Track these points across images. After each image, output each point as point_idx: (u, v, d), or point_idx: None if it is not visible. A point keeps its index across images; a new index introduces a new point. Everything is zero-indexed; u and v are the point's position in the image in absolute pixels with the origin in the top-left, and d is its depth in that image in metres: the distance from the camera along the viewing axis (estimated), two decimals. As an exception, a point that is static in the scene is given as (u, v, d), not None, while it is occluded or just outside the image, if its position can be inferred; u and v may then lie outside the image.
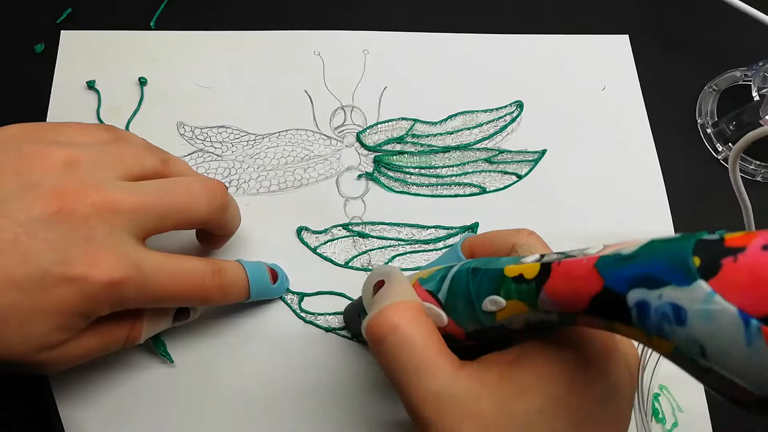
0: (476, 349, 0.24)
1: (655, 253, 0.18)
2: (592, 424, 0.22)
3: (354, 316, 0.33)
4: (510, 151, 0.40)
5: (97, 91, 0.40)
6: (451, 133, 0.40)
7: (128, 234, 0.26)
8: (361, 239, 0.37)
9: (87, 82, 0.40)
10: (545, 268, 0.21)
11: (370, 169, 0.39)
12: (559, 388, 0.22)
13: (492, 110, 0.41)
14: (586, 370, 0.23)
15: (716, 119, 0.42)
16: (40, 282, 0.24)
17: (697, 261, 0.17)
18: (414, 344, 0.22)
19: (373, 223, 0.38)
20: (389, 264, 0.26)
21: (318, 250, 0.37)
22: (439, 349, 0.23)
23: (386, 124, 0.40)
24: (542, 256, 0.22)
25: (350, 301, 0.35)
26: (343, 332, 0.35)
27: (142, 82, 0.40)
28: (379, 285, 0.25)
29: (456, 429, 0.22)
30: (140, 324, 0.29)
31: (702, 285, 0.16)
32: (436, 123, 0.41)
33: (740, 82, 0.43)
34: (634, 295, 0.18)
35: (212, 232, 0.32)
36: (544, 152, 0.40)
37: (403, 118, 0.41)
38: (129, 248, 0.26)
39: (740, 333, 0.15)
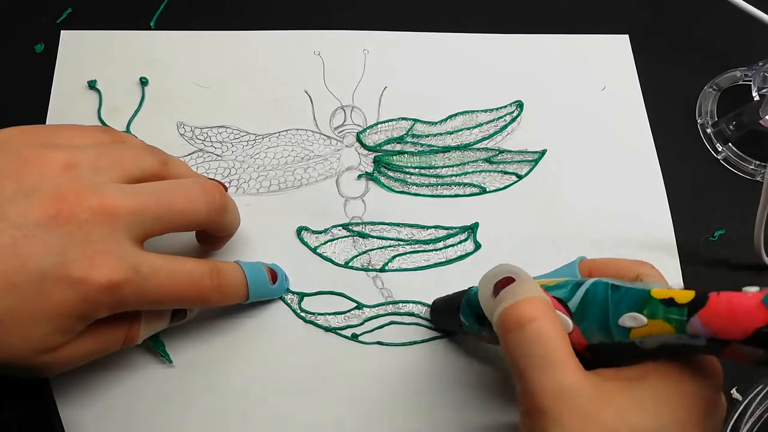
0: (586, 362, 0.25)
1: None
2: None
3: (449, 310, 0.32)
4: (510, 151, 0.40)
5: (98, 91, 0.40)
6: (451, 133, 0.40)
7: (126, 237, 0.26)
8: (361, 239, 0.37)
9: (88, 82, 0.40)
10: (701, 296, 0.22)
11: (370, 169, 0.39)
12: (680, 412, 0.23)
13: (492, 110, 0.41)
14: (701, 404, 0.24)
15: (716, 119, 0.42)
16: (38, 285, 0.24)
17: None
18: (549, 338, 0.23)
19: (373, 223, 0.38)
20: (511, 264, 0.27)
21: (318, 250, 0.37)
22: (570, 351, 0.23)
23: (386, 124, 0.40)
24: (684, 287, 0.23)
25: (353, 314, 0.35)
26: (343, 332, 0.35)
27: (144, 82, 0.40)
28: (504, 282, 0.26)
29: (575, 427, 0.22)
30: (137, 325, 0.29)
31: None
32: (436, 123, 0.41)
33: (740, 82, 0.43)
34: None
35: (212, 234, 0.32)
36: (544, 152, 0.40)
37: (403, 118, 0.41)
38: (127, 251, 0.26)
39: None
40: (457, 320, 0.31)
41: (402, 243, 0.37)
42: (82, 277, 0.25)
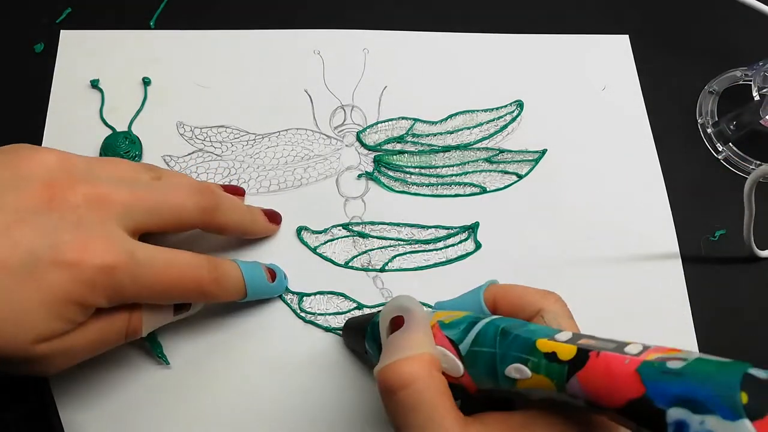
0: (478, 401, 0.24)
1: (702, 376, 0.18)
2: None
3: (358, 333, 0.31)
4: (510, 151, 0.40)
5: (101, 90, 0.40)
6: (451, 132, 0.40)
7: (119, 225, 0.27)
8: (361, 239, 0.37)
9: (90, 81, 0.40)
10: (582, 355, 0.21)
11: (370, 169, 0.39)
12: None
13: (492, 110, 0.41)
14: None
15: (716, 119, 0.42)
16: (32, 268, 0.24)
17: (744, 397, 0.17)
18: (425, 403, 0.22)
19: (373, 223, 0.38)
20: (408, 297, 0.26)
21: (318, 250, 0.37)
22: (449, 409, 0.22)
23: (386, 123, 0.40)
24: (575, 335, 0.22)
25: (352, 314, 0.35)
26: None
27: (146, 82, 0.40)
28: (397, 321, 0.25)
29: None
30: (138, 313, 0.29)
31: (747, 425, 0.17)
32: (436, 122, 0.41)
33: (740, 82, 0.43)
34: (675, 413, 0.18)
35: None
36: (544, 152, 0.40)
37: (403, 118, 0.41)
38: (120, 237, 0.26)
39: None
40: (363, 345, 0.30)
41: (402, 243, 0.37)
42: (76, 259, 0.25)
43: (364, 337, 0.30)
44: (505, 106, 0.41)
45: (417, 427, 0.22)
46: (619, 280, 0.37)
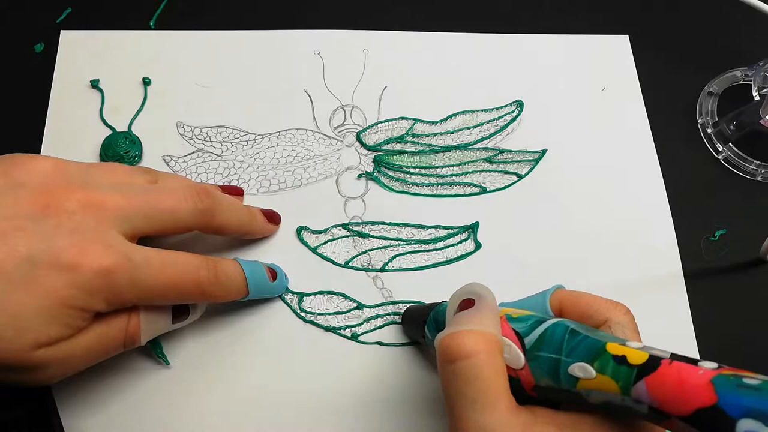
0: (527, 397, 0.24)
1: None
2: None
3: (417, 320, 0.32)
4: (510, 151, 0.40)
5: (101, 90, 0.40)
6: (451, 132, 0.40)
7: (115, 230, 0.27)
8: (361, 239, 0.37)
9: (91, 81, 0.40)
10: (654, 361, 0.21)
11: (370, 169, 0.39)
12: None
13: (492, 110, 0.41)
14: None
15: (716, 119, 0.42)
16: (29, 273, 0.24)
17: None
18: (483, 378, 0.22)
19: (373, 223, 0.38)
20: (482, 285, 0.26)
21: (318, 250, 0.37)
22: (504, 390, 0.23)
23: (386, 123, 0.40)
24: (647, 347, 0.22)
25: (353, 314, 0.35)
26: (343, 332, 0.35)
27: (146, 82, 0.40)
28: (467, 303, 0.25)
29: None
30: (137, 320, 0.29)
31: None
32: (436, 122, 0.41)
33: (740, 82, 0.43)
34: (746, 425, 0.18)
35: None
36: (544, 152, 0.40)
37: (403, 118, 0.41)
38: (116, 241, 0.27)
39: None
40: (422, 332, 0.31)
41: (402, 243, 0.37)
42: (73, 263, 0.25)
43: (424, 323, 0.30)
44: (505, 106, 0.41)
45: (470, 399, 0.22)
46: (619, 280, 0.37)
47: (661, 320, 0.36)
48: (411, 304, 0.35)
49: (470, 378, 0.22)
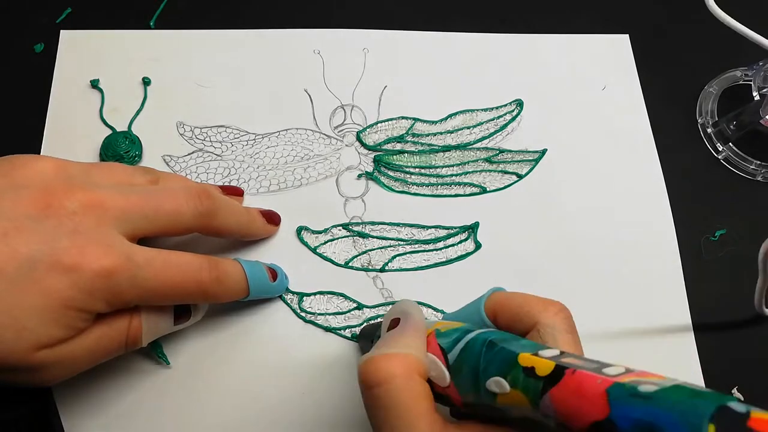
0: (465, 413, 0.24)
1: (671, 403, 0.17)
2: None
3: (369, 338, 0.32)
4: (510, 151, 0.40)
5: (101, 90, 0.40)
6: (451, 132, 0.40)
7: (116, 230, 0.27)
8: (361, 239, 0.37)
9: (91, 81, 0.40)
10: (558, 372, 0.19)
11: (370, 169, 0.39)
12: None
13: (492, 109, 0.41)
14: None
15: (716, 119, 0.42)
16: (30, 274, 0.24)
17: (711, 430, 0.15)
18: (400, 403, 0.22)
19: (373, 223, 0.38)
20: (412, 302, 0.25)
21: (318, 250, 0.37)
22: (424, 413, 0.22)
23: (386, 123, 0.40)
24: (562, 353, 0.21)
25: (352, 314, 0.35)
26: (343, 332, 0.35)
27: (146, 82, 0.40)
28: (394, 323, 0.25)
29: None
30: (138, 321, 0.29)
31: None
32: (436, 122, 0.41)
33: (740, 82, 0.43)
34: None
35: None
36: (544, 152, 0.40)
37: (403, 117, 0.41)
38: (118, 241, 0.27)
39: None
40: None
41: (402, 243, 0.37)
42: (74, 264, 0.25)
43: (372, 342, 0.30)
44: (505, 105, 0.41)
45: (389, 426, 0.22)
46: (619, 279, 0.37)
47: (661, 320, 0.36)
48: (369, 322, 0.35)
49: (387, 405, 0.22)
